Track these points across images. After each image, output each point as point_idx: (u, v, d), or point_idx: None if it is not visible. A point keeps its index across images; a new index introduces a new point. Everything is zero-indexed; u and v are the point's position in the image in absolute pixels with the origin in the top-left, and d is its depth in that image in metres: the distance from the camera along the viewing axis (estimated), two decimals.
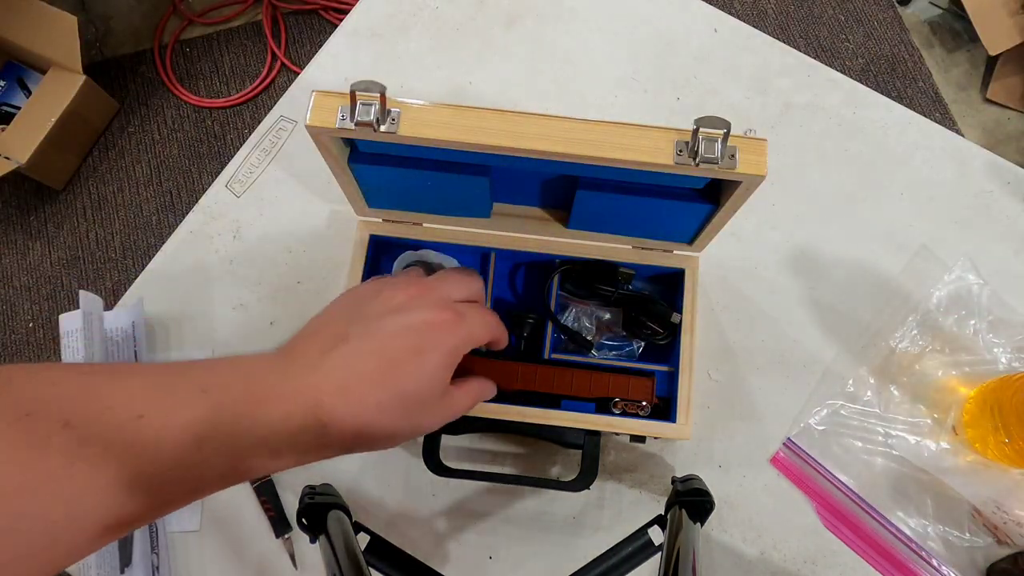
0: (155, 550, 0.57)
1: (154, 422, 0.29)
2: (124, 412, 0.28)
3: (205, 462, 0.31)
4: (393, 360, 0.36)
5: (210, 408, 0.31)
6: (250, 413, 0.32)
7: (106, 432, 0.28)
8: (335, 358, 0.35)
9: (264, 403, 0.33)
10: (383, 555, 0.49)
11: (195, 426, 0.30)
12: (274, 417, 0.32)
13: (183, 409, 0.30)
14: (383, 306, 0.39)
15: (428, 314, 0.38)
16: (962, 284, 0.63)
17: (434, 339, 0.37)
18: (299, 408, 0.33)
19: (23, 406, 0.26)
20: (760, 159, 0.40)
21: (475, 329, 0.40)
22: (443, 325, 0.38)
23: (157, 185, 1.51)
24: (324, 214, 0.66)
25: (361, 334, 0.37)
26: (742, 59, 0.71)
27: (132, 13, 1.64)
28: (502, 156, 0.41)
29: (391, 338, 0.37)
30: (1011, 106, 1.57)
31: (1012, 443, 0.54)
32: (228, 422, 0.31)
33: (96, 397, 0.28)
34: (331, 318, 0.39)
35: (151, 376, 0.31)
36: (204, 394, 0.31)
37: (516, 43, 0.72)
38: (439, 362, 0.38)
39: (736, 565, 0.57)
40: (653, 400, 0.54)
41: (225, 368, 0.33)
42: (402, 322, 0.37)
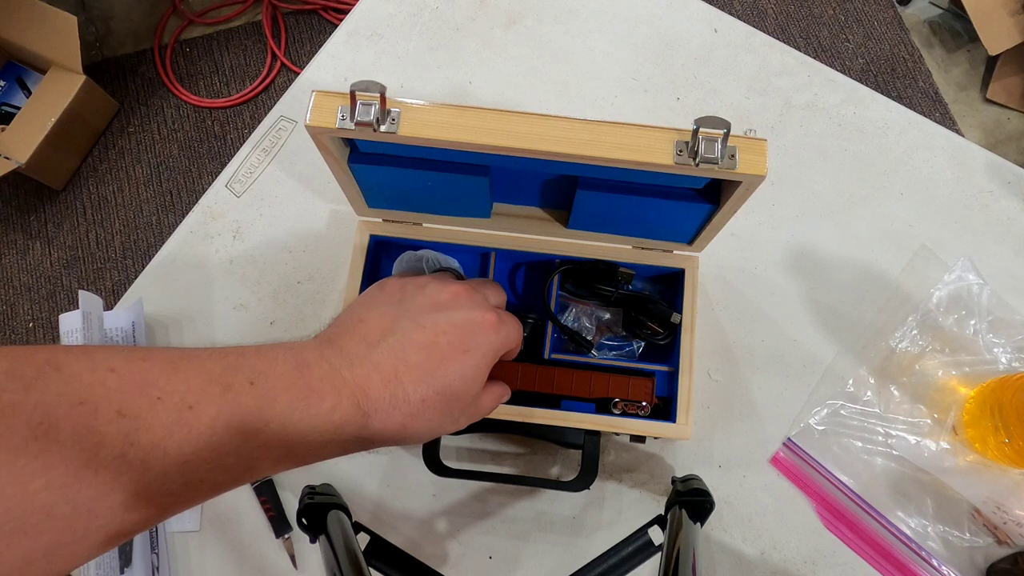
0: (155, 550, 0.57)
1: (205, 413, 0.30)
2: (177, 402, 0.29)
3: (253, 453, 0.31)
4: (441, 355, 0.37)
5: (259, 400, 0.31)
6: (298, 406, 0.32)
7: (159, 421, 0.28)
8: (383, 350, 0.36)
9: (313, 395, 0.33)
10: (383, 555, 0.49)
11: (244, 417, 0.31)
12: (322, 409, 0.33)
13: (233, 401, 0.31)
14: (429, 301, 0.39)
15: (474, 313, 0.39)
16: (962, 284, 0.63)
17: (479, 338, 0.38)
18: (345, 399, 0.34)
19: (78, 393, 0.27)
20: (760, 159, 0.40)
21: (512, 333, 0.41)
22: (488, 326, 0.39)
23: (157, 185, 1.51)
24: (324, 214, 0.66)
25: (409, 328, 0.37)
26: (742, 59, 0.71)
27: (132, 13, 1.64)
28: (502, 156, 0.41)
29: (439, 334, 0.37)
30: (1011, 106, 1.57)
31: (1012, 443, 0.54)
32: (277, 415, 0.32)
33: (151, 385, 0.29)
34: (375, 310, 0.39)
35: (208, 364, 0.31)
36: (252, 386, 0.31)
37: (516, 43, 0.72)
38: (481, 362, 0.38)
39: (736, 565, 0.57)
40: (653, 400, 0.54)
41: (277, 357, 0.34)
42: (450, 318, 0.38)
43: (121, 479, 0.27)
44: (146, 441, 0.28)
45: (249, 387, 0.31)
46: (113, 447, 0.27)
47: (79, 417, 0.26)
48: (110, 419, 0.27)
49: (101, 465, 0.27)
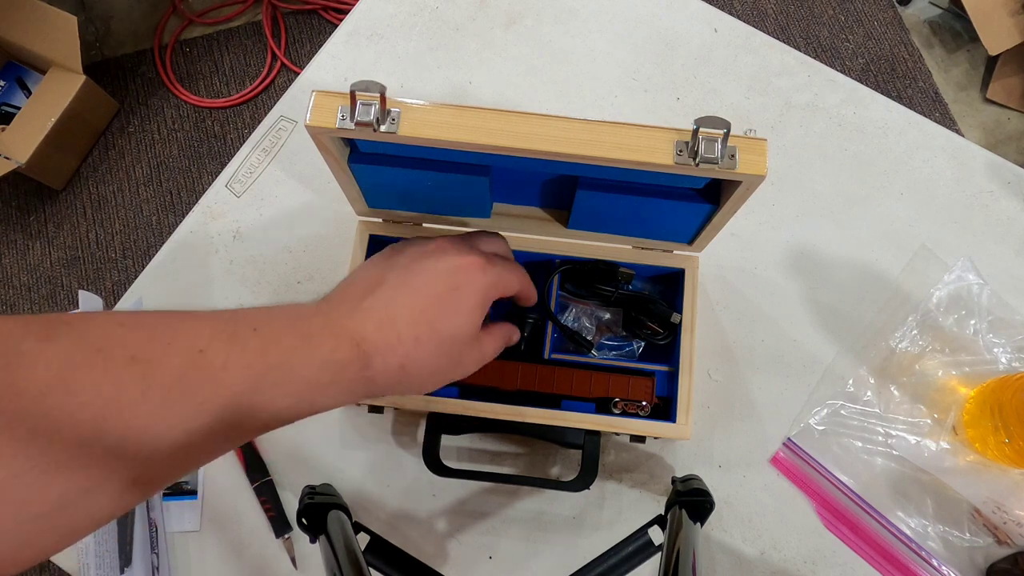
0: (155, 550, 0.57)
1: (215, 357, 0.31)
2: (187, 348, 0.30)
3: (268, 394, 0.33)
4: (429, 298, 0.39)
5: (264, 344, 0.33)
6: (300, 349, 0.34)
7: (172, 365, 0.30)
8: (374, 300, 0.38)
9: (313, 339, 0.35)
10: (383, 555, 0.49)
11: (252, 360, 0.32)
12: (323, 352, 0.35)
13: (240, 346, 0.32)
14: (416, 252, 0.41)
15: (460, 258, 0.41)
16: (962, 284, 0.63)
17: (467, 279, 0.40)
18: (344, 343, 0.36)
19: (92, 343, 0.28)
20: (760, 159, 0.40)
21: (504, 274, 0.43)
22: (474, 267, 0.41)
23: (157, 185, 1.51)
24: (324, 214, 0.66)
25: (398, 277, 0.39)
26: (742, 59, 0.71)
27: (132, 13, 1.64)
28: (502, 156, 0.41)
29: (426, 279, 0.39)
30: (1011, 106, 1.57)
31: (1012, 443, 0.54)
32: (283, 357, 0.33)
33: (159, 335, 0.30)
34: (366, 270, 0.41)
35: (210, 318, 0.33)
36: (256, 332, 0.33)
37: (516, 43, 0.72)
38: (472, 301, 0.40)
39: (736, 565, 0.57)
40: (653, 400, 0.54)
41: (273, 312, 0.35)
42: (436, 265, 0.40)
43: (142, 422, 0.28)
44: (162, 383, 0.29)
45: (253, 333, 0.33)
46: (131, 389, 0.28)
47: (97, 363, 0.28)
48: (125, 364, 0.28)
49: (123, 407, 0.28)
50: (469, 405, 0.52)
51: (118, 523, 0.57)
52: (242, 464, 0.59)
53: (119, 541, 0.57)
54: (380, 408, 0.55)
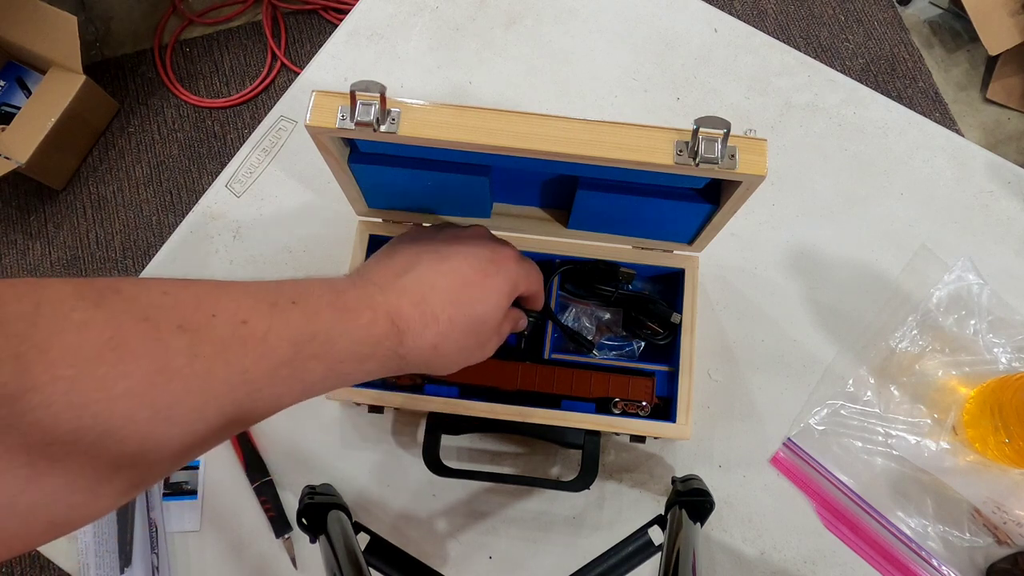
0: (155, 550, 0.57)
1: (257, 328, 0.32)
2: (231, 318, 0.31)
3: (305, 364, 0.33)
4: (465, 281, 0.40)
5: (303, 316, 0.34)
6: (339, 323, 0.35)
7: (216, 334, 0.30)
8: (411, 278, 0.39)
9: (350, 312, 0.36)
10: (383, 555, 0.49)
11: (293, 331, 0.33)
12: (361, 324, 0.36)
13: (281, 316, 0.33)
14: (452, 235, 0.43)
15: (495, 247, 0.43)
16: (962, 284, 0.63)
17: (500, 267, 0.42)
18: (381, 318, 0.36)
19: (141, 311, 0.28)
20: (760, 159, 0.40)
21: (529, 271, 0.45)
22: (508, 257, 0.43)
23: (157, 185, 1.51)
24: (324, 214, 0.66)
25: (433, 258, 0.40)
26: (742, 59, 0.71)
27: (132, 13, 1.64)
28: (502, 156, 0.41)
29: (462, 261, 0.41)
30: (1011, 106, 1.57)
31: (1012, 443, 0.54)
32: (322, 329, 0.34)
33: (204, 304, 0.31)
34: (400, 249, 0.42)
35: (251, 288, 0.34)
36: (295, 305, 0.34)
37: (516, 43, 0.72)
38: (503, 289, 0.42)
39: (736, 565, 0.57)
40: (653, 400, 0.54)
41: (311, 285, 0.36)
42: (472, 250, 0.41)
43: (191, 388, 0.29)
44: (208, 352, 0.30)
45: (292, 305, 0.34)
46: (179, 357, 0.29)
47: (146, 331, 0.28)
48: (172, 332, 0.29)
49: (173, 374, 0.28)
50: (469, 405, 0.52)
51: (118, 523, 0.57)
52: (242, 464, 0.59)
53: (119, 541, 0.57)
54: (380, 408, 0.55)
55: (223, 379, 0.30)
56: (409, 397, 0.52)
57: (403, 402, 0.53)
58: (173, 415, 0.28)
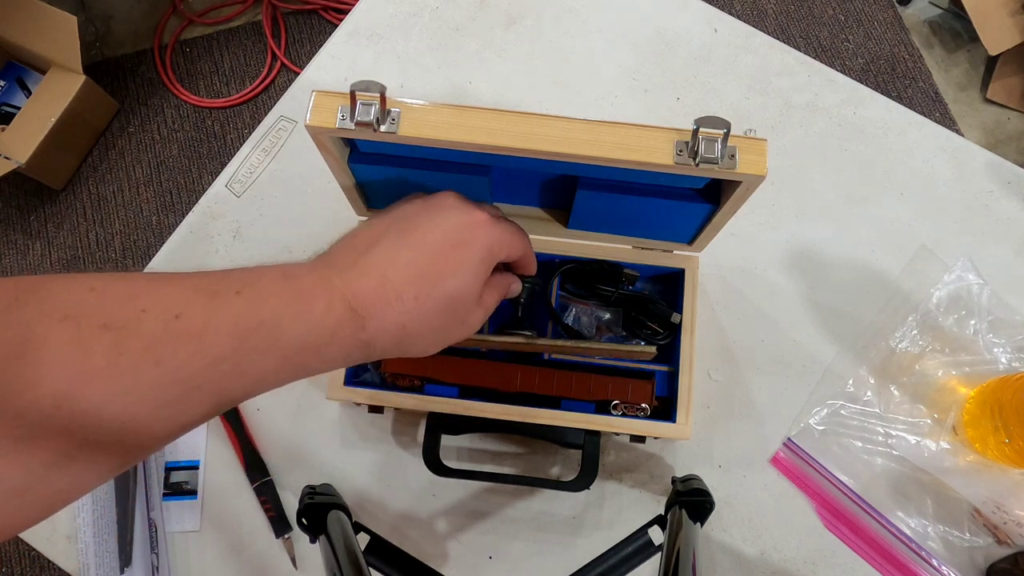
0: (155, 550, 0.57)
1: (192, 321, 0.29)
2: (161, 313, 0.29)
3: (251, 358, 0.31)
4: (431, 254, 0.36)
5: (248, 305, 0.31)
6: (289, 309, 0.32)
7: (145, 330, 0.28)
8: (373, 255, 0.36)
9: (303, 298, 0.33)
10: (383, 555, 0.49)
11: (234, 323, 0.30)
12: (315, 312, 0.33)
13: (221, 308, 0.30)
14: (419, 205, 0.39)
15: (463, 214, 0.38)
16: (962, 284, 0.63)
17: (472, 235, 0.38)
18: (337, 302, 0.33)
19: (61, 310, 0.27)
20: (760, 159, 0.40)
21: (508, 235, 0.40)
22: (480, 223, 0.38)
23: (157, 185, 1.51)
24: (324, 214, 0.66)
25: (399, 231, 0.37)
26: (742, 59, 0.71)
27: (132, 13, 1.64)
28: (502, 156, 0.41)
29: (428, 232, 0.37)
30: (1011, 106, 1.57)
31: (1012, 443, 0.54)
32: (268, 318, 0.31)
33: (134, 300, 0.29)
34: (367, 224, 0.39)
35: (188, 280, 0.31)
36: (239, 295, 0.31)
37: (516, 43, 0.72)
38: (476, 258, 0.38)
39: (736, 565, 0.57)
40: (653, 403, 0.54)
41: (263, 271, 0.33)
42: (439, 219, 0.38)
43: (114, 388, 0.27)
44: (135, 348, 0.27)
45: (235, 296, 0.31)
46: (101, 359, 0.27)
47: (63, 332, 0.26)
48: (95, 332, 0.27)
49: (94, 375, 0.26)
50: (469, 405, 0.52)
51: (118, 523, 0.57)
52: (242, 464, 0.59)
53: (119, 541, 0.57)
54: (380, 408, 0.55)
55: (154, 378, 0.28)
56: (409, 397, 0.52)
57: (403, 402, 0.53)
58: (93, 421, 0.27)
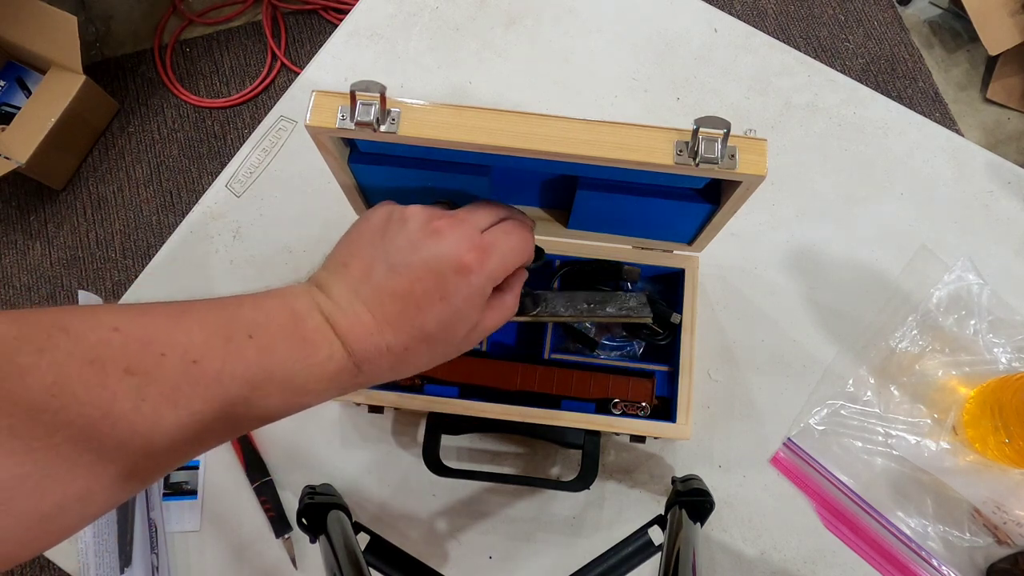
0: (155, 550, 0.57)
1: (209, 367, 0.31)
2: (181, 357, 0.30)
3: (260, 402, 0.33)
4: (417, 304, 0.37)
5: (260, 353, 0.33)
6: (297, 359, 0.34)
7: (165, 375, 0.30)
8: (365, 299, 0.36)
9: (308, 345, 0.34)
10: (383, 555, 0.49)
11: (247, 369, 0.32)
12: (319, 358, 0.35)
13: (236, 354, 0.32)
14: (407, 241, 0.38)
15: (454, 256, 0.37)
16: (962, 284, 0.63)
17: (459, 283, 0.37)
18: (338, 352, 0.35)
19: (87, 352, 0.28)
20: (760, 159, 0.40)
21: (506, 260, 0.40)
22: (469, 267, 0.37)
23: (157, 185, 1.51)
24: (324, 214, 0.66)
25: (384, 275, 0.37)
26: (742, 59, 0.71)
27: (132, 13, 1.64)
28: (502, 156, 0.41)
29: (415, 282, 0.37)
30: (1011, 106, 1.57)
31: (1012, 443, 0.54)
32: (278, 368, 0.33)
33: (155, 342, 0.30)
34: (357, 252, 0.39)
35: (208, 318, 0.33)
36: (251, 340, 0.33)
37: (516, 43, 0.72)
38: (466, 304, 0.38)
39: (736, 565, 0.57)
40: (653, 402, 0.54)
41: (272, 308, 0.35)
42: (428, 265, 0.37)
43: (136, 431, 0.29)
44: (156, 394, 0.29)
45: (248, 340, 0.32)
46: (125, 402, 0.28)
47: (90, 376, 0.28)
48: (119, 377, 0.28)
49: (117, 419, 0.28)
50: (469, 405, 0.52)
51: (118, 523, 0.57)
52: (242, 464, 0.59)
53: (119, 541, 0.57)
54: (380, 408, 0.55)
55: (172, 422, 0.30)
56: (409, 397, 0.52)
57: (403, 402, 0.53)
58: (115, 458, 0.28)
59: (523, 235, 0.42)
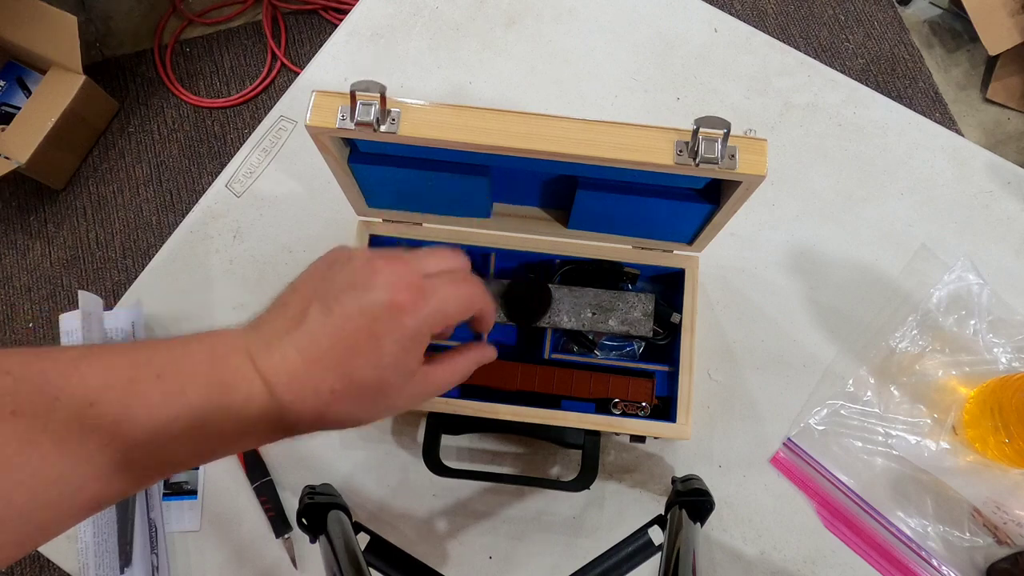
0: (155, 550, 0.57)
1: (106, 410, 0.29)
2: (78, 401, 0.28)
3: (165, 447, 0.31)
4: (348, 346, 0.34)
5: (165, 395, 0.30)
6: (208, 401, 0.31)
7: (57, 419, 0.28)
8: (294, 339, 0.34)
9: (224, 388, 0.32)
10: (383, 555, 0.49)
11: (148, 414, 0.30)
12: (235, 400, 0.32)
13: (137, 397, 0.30)
14: (346, 280, 0.36)
15: (387, 294, 0.35)
16: (962, 284, 0.63)
17: (390, 324, 0.35)
18: (257, 392, 0.33)
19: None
20: (760, 159, 0.40)
21: (445, 306, 0.37)
22: (402, 307, 0.35)
23: (157, 185, 1.51)
24: (324, 214, 0.66)
25: (319, 313, 0.35)
26: (742, 59, 0.71)
27: (132, 13, 1.64)
28: (502, 156, 0.41)
29: (346, 321, 0.34)
30: (1011, 106, 1.57)
31: (1012, 443, 0.54)
32: (186, 410, 0.31)
33: (51, 385, 0.28)
34: (298, 290, 0.37)
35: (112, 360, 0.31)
36: (159, 379, 0.30)
37: (516, 43, 0.72)
38: (397, 347, 0.35)
39: (736, 565, 0.57)
40: (653, 401, 0.54)
41: (191, 349, 0.33)
42: (360, 302, 0.35)
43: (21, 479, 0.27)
44: (44, 438, 0.28)
45: (156, 380, 0.30)
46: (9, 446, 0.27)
47: None
48: (4, 419, 0.27)
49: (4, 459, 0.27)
50: (469, 405, 0.52)
51: (118, 523, 0.57)
52: (242, 464, 0.59)
53: (119, 541, 0.57)
54: None
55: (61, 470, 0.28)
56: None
57: None
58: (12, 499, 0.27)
59: (472, 287, 0.39)
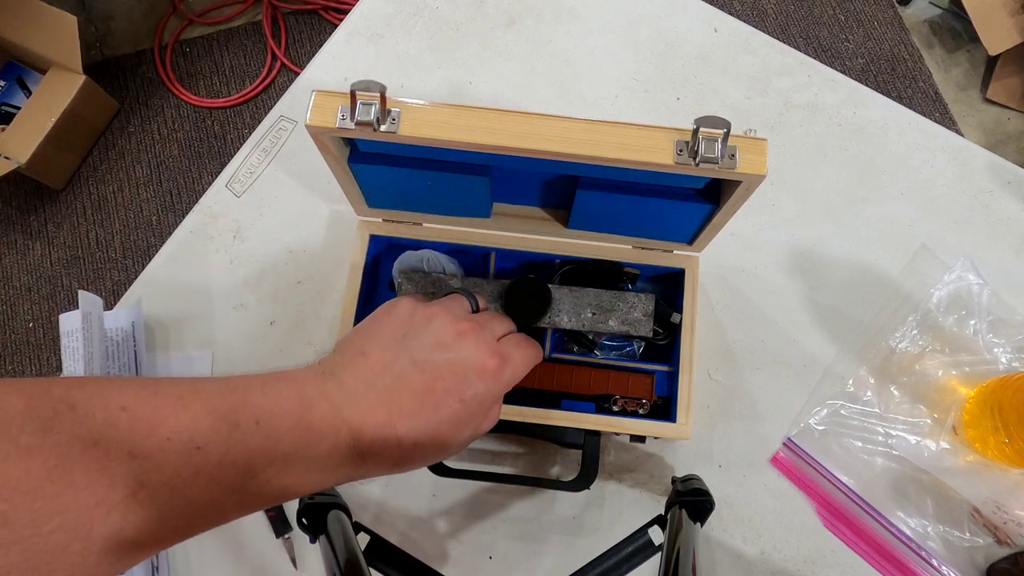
0: None
1: (212, 454, 0.31)
2: (186, 443, 0.30)
3: (258, 487, 0.33)
4: (436, 403, 0.36)
5: (264, 441, 0.32)
6: (301, 445, 0.33)
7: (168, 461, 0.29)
8: (380, 391, 0.36)
9: (313, 435, 0.34)
10: (383, 555, 0.49)
11: (250, 458, 0.32)
12: (321, 450, 0.34)
13: (240, 444, 0.32)
14: (432, 339, 0.38)
15: (477, 358, 0.38)
16: (962, 284, 0.63)
17: (478, 388, 0.38)
18: (343, 443, 0.35)
19: (93, 433, 0.28)
20: (760, 159, 0.40)
21: (519, 369, 0.41)
22: (489, 374, 0.38)
23: (157, 185, 1.51)
24: (324, 214, 0.66)
25: (407, 369, 0.37)
26: (742, 59, 0.71)
27: (132, 13, 1.64)
28: (502, 156, 0.41)
29: (436, 379, 0.37)
30: (1011, 106, 1.57)
31: (1012, 443, 0.54)
32: (280, 456, 0.33)
33: (160, 425, 0.30)
34: (377, 344, 0.39)
35: (213, 400, 0.32)
36: (259, 426, 0.32)
37: (516, 43, 0.72)
38: (479, 407, 0.38)
39: (736, 565, 0.57)
40: (652, 397, 0.54)
41: (281, 393, 0.34)
42: (450, 362, 0.37)
43: (129, 518, 0.28)
44: (155, 481, 0.29)
45: (255, 427, 0.32)
46: (125, 487, 0.28)
47: (92, 460, 0.27)
48: (122, 460, 0.28)
49: (112, 506, 0.28)
50: None
51: None
52: None
53: None
54: None
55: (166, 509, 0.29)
56: None
57: None
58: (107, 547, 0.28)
59: (535, 350, 0.43)
